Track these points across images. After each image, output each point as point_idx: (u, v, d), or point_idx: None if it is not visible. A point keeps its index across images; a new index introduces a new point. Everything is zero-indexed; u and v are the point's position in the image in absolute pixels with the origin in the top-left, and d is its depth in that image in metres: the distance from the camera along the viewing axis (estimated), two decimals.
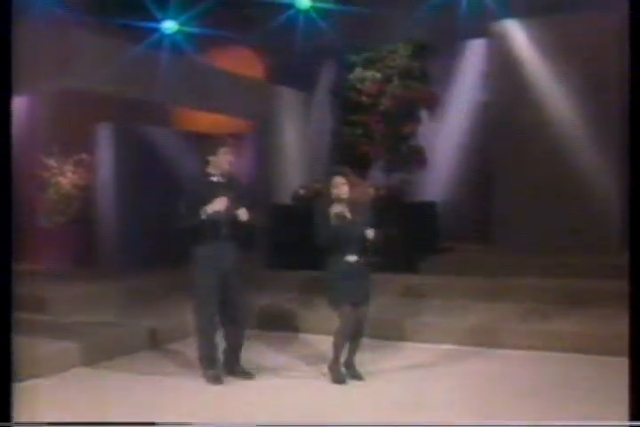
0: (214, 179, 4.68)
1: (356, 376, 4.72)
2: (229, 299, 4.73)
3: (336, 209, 4.59)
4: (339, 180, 4.66)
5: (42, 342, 5.19)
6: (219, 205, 4.51)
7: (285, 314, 6.55)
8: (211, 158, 4.68)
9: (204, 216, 4.49)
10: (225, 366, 4.85)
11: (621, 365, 3.07)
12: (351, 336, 4.71)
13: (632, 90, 2.79)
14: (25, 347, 4.79)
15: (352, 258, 4.62)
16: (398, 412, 4.06)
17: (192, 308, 4.79)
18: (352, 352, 4.78)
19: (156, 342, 5.82)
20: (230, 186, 4.68)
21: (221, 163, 4.67)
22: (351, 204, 4.64)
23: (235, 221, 4.60)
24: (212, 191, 4.59)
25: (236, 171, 4.88)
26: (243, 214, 4.58)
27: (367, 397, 4.39)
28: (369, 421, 3.91)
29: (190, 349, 5.36)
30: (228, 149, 4.70)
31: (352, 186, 4.66)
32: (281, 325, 6.39)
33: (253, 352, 5.21)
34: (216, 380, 4.66)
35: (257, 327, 6.04)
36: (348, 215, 4.62)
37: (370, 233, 4.58)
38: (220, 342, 4.84)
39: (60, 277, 8.05)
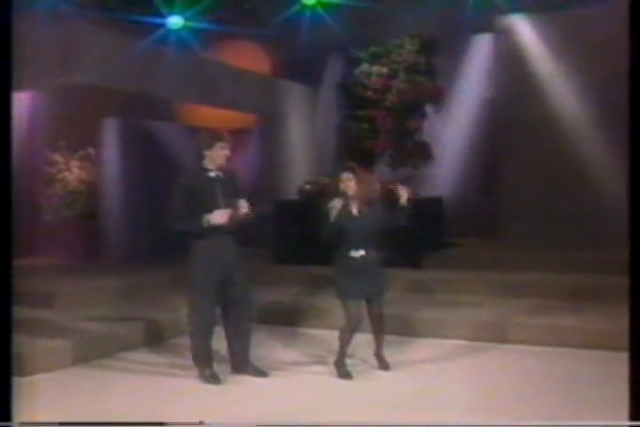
0: (211, 174, 4.60)
1: (384, 367, 4.81)
2: (233, 296, 4.64)
3: (334, 203, 4.58)
4: (346, 175, 4.65)
5: (43, 338, 5.18)
6: (219, 218, 4.43)
7: (293, 309, 6.56)
8: (207, 153, 4.60)
9: (205, 225, 4.43)
10: (234, 364, 4.78)
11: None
12: (372, 330, 4.83)
13: (632, 88, 2.78)
14: (25, 343, 4.81)
15: (357, 253, 4.61)
16: (404, 408, 4.07)
17: (188, 305, 4.69)
18: (379, 344, 4.87)
19: (160, 338, 5.83)
20: (227, 181, 4.63)
21: (217, 157, 4.59)
22: (359, 199, 4.64)
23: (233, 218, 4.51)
24: (210, 187, 4.54)
25: (233, 166, 4.79)
26: (243, 207, 4.50)
27: (374, 393, 4.40)
28: (372, 418, 3.91)
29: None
30: (225, 143, 4.60)
31: (360, 181, 4.65)
32: (288, 319, 6.40)
33: (261, 348, 5.20)
34: (214, 380, 4.56)
35: (264, 322, 6.00)
36: (354, 211, 4.62)
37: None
38: (220, 341, 4.79)
39: (65, 273, 8.06)
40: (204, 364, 4.64)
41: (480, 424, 3.75)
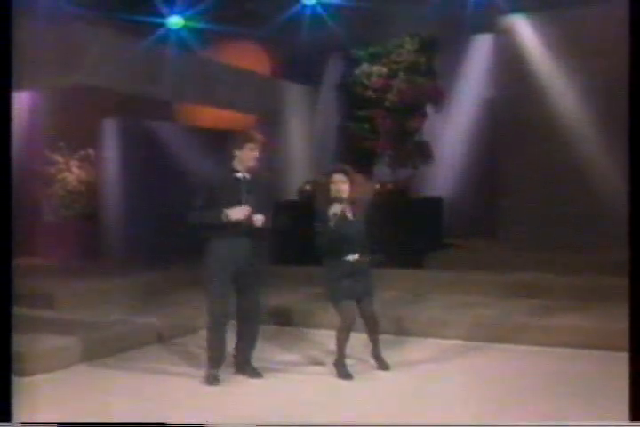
0: (239, 175, 4.59)
1: (383, 367, 4.76)
2: (244, 296, 4.64)
3: (335, 209, 4.55)
4: (339, 178, 4.61)
5: (43, 338, 5.18)
6: (240, 213, 4.42)
7: (293, 309, 6.55)
8: (236, 153, 4.59)
9: (224, 220, 4.42)
10: (236, 363, 4.78)
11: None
12: (367, 330, 4.79)
13: (632, 88, 2.78)
14: (25, 343, 4.80)
15: (353, 257, 4.60)
16: (405, 407, 4.07)
17: (206, 306, 4.65)
18: (375, 344, 4.82)
19: (160, 338, 5.82)
20: (253, 183, 4.61)
21: (247, 158, 4.59)
22: (352, 202, 4.62)
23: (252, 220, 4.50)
24: (236, 188, 4.53)
25: (261, 167, 4.75)
26: (259, 221, 4.49)
27: (374, 393, 4.39)
28: (373, 418, 3.91)
29: (194, 345, 5.42)
30: (255, 145, 4.61)
31: (353, 184, 4.63)
32: (288, 320, 6.39)
33: (261, 348, 5.18)
34: (214, 381, 4.55)
35: (263, 322, 5.98)
36: (350, 216, 4.61)
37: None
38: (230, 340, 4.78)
39: (65, 273, 8.06)
40: (216, 364, 4.62)
41: (480, 424, 3.75)
